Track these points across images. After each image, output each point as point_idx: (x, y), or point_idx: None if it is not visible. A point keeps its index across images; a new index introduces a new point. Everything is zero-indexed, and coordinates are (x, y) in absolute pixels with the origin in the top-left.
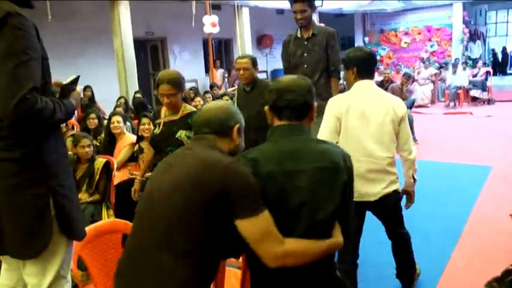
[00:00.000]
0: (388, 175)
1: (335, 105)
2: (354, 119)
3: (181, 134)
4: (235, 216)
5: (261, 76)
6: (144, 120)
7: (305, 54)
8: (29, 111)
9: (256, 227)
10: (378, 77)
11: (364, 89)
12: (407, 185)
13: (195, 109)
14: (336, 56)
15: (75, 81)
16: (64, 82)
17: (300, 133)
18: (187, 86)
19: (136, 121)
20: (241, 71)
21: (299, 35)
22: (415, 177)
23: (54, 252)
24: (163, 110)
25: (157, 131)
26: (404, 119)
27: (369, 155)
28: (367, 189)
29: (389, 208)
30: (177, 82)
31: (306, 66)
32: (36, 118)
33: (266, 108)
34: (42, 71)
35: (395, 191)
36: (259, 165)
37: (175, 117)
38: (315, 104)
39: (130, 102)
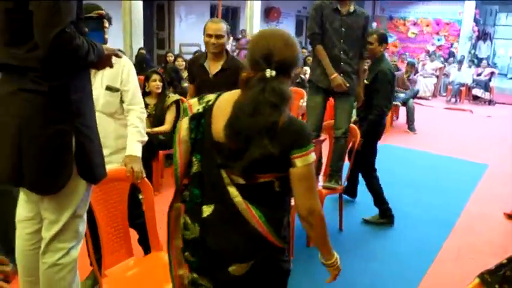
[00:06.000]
0: None
1: None
2: None
3: None
4: None
5: None
6: (155, 76)
7: (343, 29)
8: (67, 45)
9: None
10: None
11: None
12: None
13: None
14: (367, 39)
15: (99, 17)
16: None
17: None
18: (191, 49)
19: (140, 77)
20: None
21: (338, 7)
22: None
23: (73, 191)
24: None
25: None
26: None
27: None
28: None
29: None
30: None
31: (342, 41)
32: (71, 54)
33: None
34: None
35: None
36: None
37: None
38: None
39: (133, 58)
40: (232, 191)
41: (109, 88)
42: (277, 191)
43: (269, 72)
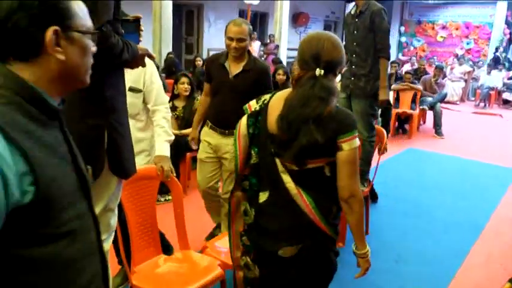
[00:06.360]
0: None
1: None
2: None
3: None
4: None
5: (293, 53)
6: (184, 79)
7: (355, 32)
8: (103, 43)
9: None
10: (408, 67)
11: None
12: None
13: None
14: (382, 34)
15: (136, 21)
16: (124, 17)
17: None
18: None
19: (168, 80)
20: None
21: (352, 12)
22: None
23: (104, 185)
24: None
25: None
26: None
27: None
28: None
29: None
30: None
31: (355, 44)
32: (107, 52)
33: None
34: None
35: None
36: None
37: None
38: None
39: (162, 63)
40: (285, 177)
41: (132, 89)
42: (327, 176)
43: (318, 71)
